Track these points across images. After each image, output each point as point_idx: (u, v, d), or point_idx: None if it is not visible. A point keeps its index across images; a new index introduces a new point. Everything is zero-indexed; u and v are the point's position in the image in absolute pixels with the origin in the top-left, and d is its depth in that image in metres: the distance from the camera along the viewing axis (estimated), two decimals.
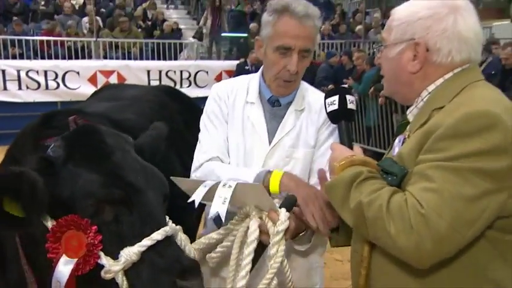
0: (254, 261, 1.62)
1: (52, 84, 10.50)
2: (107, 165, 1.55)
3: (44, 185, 1.43)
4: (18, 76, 10.29)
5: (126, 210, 1.51)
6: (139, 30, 12.93)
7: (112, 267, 1.45)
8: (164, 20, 13.70)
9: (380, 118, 8.46)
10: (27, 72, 10.35)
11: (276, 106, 2.04)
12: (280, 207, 1.63)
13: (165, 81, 11.08)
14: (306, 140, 2.02)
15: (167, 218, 1.63)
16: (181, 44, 13.01)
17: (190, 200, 1.66)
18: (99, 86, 8.61)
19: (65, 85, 10.54)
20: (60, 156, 1.54)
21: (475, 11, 1.46)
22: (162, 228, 1.51)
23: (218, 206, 1.58)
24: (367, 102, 8.91)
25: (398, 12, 1.50)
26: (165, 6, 16.18)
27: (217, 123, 2.04)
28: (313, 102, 2.05)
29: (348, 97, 1.70)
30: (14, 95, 10.29)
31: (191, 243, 1.70)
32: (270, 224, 1.60)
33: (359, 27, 14.48)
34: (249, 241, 1.60)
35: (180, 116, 2.80)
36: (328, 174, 1.61)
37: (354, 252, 1.57)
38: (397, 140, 1.58)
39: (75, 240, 1.44)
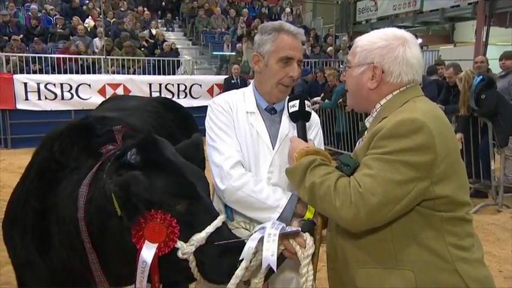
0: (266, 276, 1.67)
1: (67, 95, 10.40)
2: (173, 168, 1.64)
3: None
4: (38, 88, 10.17)
5: (193, 203, 1.60)
6: (142, 49, 12.86)
7: (186, 249, 1.54)
8: (164, 41, 13.64)
9: (347, 125, 8.52)
10: (45, 84, 10.25)
11: (273, 114, 2.05)
12: (302, 231, 1.63)
13: (165, 93, 11.04)
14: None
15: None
16: (178, 61, 12.97)
17: (240, 258, 1.59)
18: (107, 97, 8.54)
19: (78, 96, 10.44)
20: (138, 162, 1.60)
21: (417, 43, 1.61)
22: (219, 217, 1.62)
23: (268, 259, 1.56)
24: (337, 112, 8.96)
25: (361, 41, 1.62)
26: (165, 28, 16.11)
27: (230, 132, 1.97)
28: None
29: (306, 102, 1.87)
30: (34, 104, 10.17)
31: None
32: (298, 247, 1.61)
33: (330, 48, 14.60)
34: (306, 261, 1.60)
35: (173, 123, 2.78)
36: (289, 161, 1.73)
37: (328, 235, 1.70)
38: (358, 143, 1.69)
39: (157, 229, 1.54)
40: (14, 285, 3.62)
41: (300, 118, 1.84)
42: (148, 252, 1.52)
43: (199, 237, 1.55)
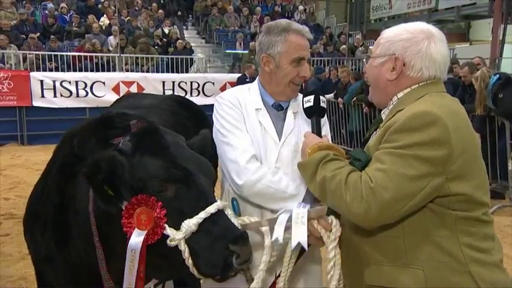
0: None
1: (82, 92, 10.48)
2: (166, 154, 1.60)
3: (128, 167, 1.52)
4: (54, 86, 10.27)
5: (184, 189, 1.55)
6: (156, 47, 12.90)
7: (175, 236, 1.49)
8: (177, 39, 13.67)
9: (361, 124, 8.45)
10: (61, 82, 10.34)
11: (280, 110, 2.05)
12: (327, 214, 1.57)
13: (178, 91, 11.05)
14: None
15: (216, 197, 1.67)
16: (191, 59, 12.99)
17: (273, 239, 1.58)
18: (121, 95, 8.60)
19: (93, 93, 10.51)
20: (129, 148, 1.58)
21: (444, 39, 1.55)
22: (215, 203, 1.55)
23: (299, 238, 1.53)
24: (350, 111, 8.89)
25: (386, 33, 1.60)
26: (176, 25, 16.14)
27: (241, 126, 1.97)
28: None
29: (321, 97, 1.83)
30: (50, 101, 10.28)
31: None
32: (323, 231, 1.56)
33: (343, 46, 14.47)
34: (333, 244, 1.55)
35: (188, 121, 2.77)
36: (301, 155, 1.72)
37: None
38: (371, 136, 1.66)
39: (145, 215, 1.49)
40: (28, 280, 3.68)
41: (314, 113, 1.83)
42: (137, 240, 1.49)
43: (190, 223, 1.49)
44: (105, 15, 14.20)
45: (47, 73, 10.56)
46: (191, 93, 11.26)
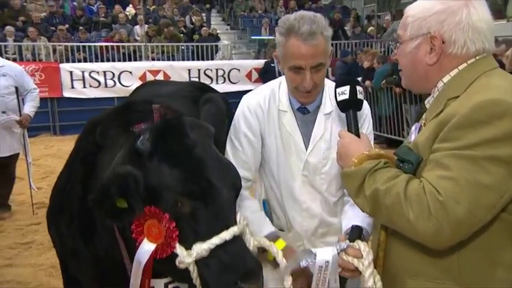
0: None
1: (110, 82, 10.57)
2: (188, 160, 1.43)
3: (142, 179, 1.36)
4: (83, 76, 10.40)
5: (201, 205, 1.40)
6: (182, 35, 12.86)
7: (185, 258, 1.37)
8: (202, 26, 13.57)
9: (390, 108, 8.18)
10: (90, 72, 10.46)
11: (306, 114, 1.89)
12: (350, 241, 1.40)
13: (203, 78, 10.96)
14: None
15: (238, 217, 1.50)
16: (216, 46, 12.86)
17: (324, 261, 1.39)
18: None
19: (120, 83, 10.58)
20: (147, 150, 1.42)
21: (484, 2, 1.29)
22: (231, 228, 1.40)
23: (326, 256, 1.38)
24: (379, 94, 8.62)
25: (412, 9, 1.34)
26: (204, 13, 16.04)
27: (244, 141, 1.87)
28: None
29: (358, 88, 1.52)
30: (80, 92, 10.42)
31: None
32: (356, 260, 1.36)
33: (371, 28, 14.00)
34: (370, 270, 1.36)
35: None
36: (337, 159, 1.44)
37: (372, 237, 1.45)
38: (413, 128, 1.43)
39: (156, 229, 1.38)
40: (58, 269, 3.70)
41: (350, 107, 1.51)
42: (144, 252, 1.38)
43: (201, 248, 1.36)
44: (130, 5, 14.25)
45: (76, 64, 10.72)
46: (217, 81, 11.18)
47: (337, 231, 1.91)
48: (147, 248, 1.38)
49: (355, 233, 1.42)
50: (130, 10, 14.02)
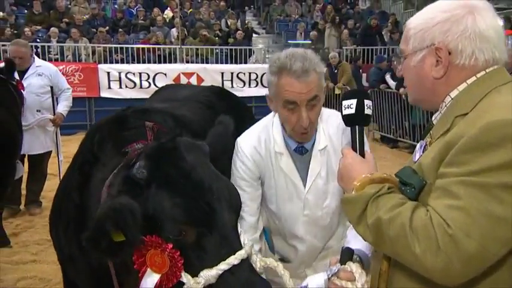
0: None
1: (145, 83, 10.79)
2: (187, 186, 1.39)
3: (139, 210, 1.31)
4: (120, 77, 10.68)
5: (206, 231, 1.37)
6: (217, 38, 12.97)
7: (193, 286, 1.34)
8: (237, 30, 13.63)
9: (425, 117, 7.88)
10: (126, 74, 10.72)
11: (304, 154, 1.84)
12: (342, 264, 1.33)
13: (236, 82, 11.06)
14: (335, 172, 1.71)
15: (242, 238, 1.47)
16: (250, 50, 12.89)
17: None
18: None
19: (155, 85, 10.71)
20: (144, 178, 1.39)
21: (491, 8, 1.18)
22: (238, 252, 1.37)
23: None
24: None
25: (414, 21, 1.25)
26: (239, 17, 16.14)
27: (241, 183, 1.84)
28: (333, 133, 1.84)
29: (366, 102, 1.39)
30: (116, 92, 10.69)
31: None
32: (349, 283, 1.29)
33: None
34: None
35: (226, 113, 2.62)
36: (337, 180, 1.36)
37: (373, 267, 1.34)
38: (418, 145, 1.31)
39: (159, 257, 1.34)
40: None
41: (356, 123, 1.39)
42: (149, 283, 1.33)
43: (208, 274, 1.33)
44: (169, 8, 14.53)
45: (113, 65, 11.01)
46: (249, 84, 11.22)
47: (336, 252, 1.86)
48: (151, 279, 1.34)
49: (346, 255, 1.33)
50: (168, 13, 14.30)
